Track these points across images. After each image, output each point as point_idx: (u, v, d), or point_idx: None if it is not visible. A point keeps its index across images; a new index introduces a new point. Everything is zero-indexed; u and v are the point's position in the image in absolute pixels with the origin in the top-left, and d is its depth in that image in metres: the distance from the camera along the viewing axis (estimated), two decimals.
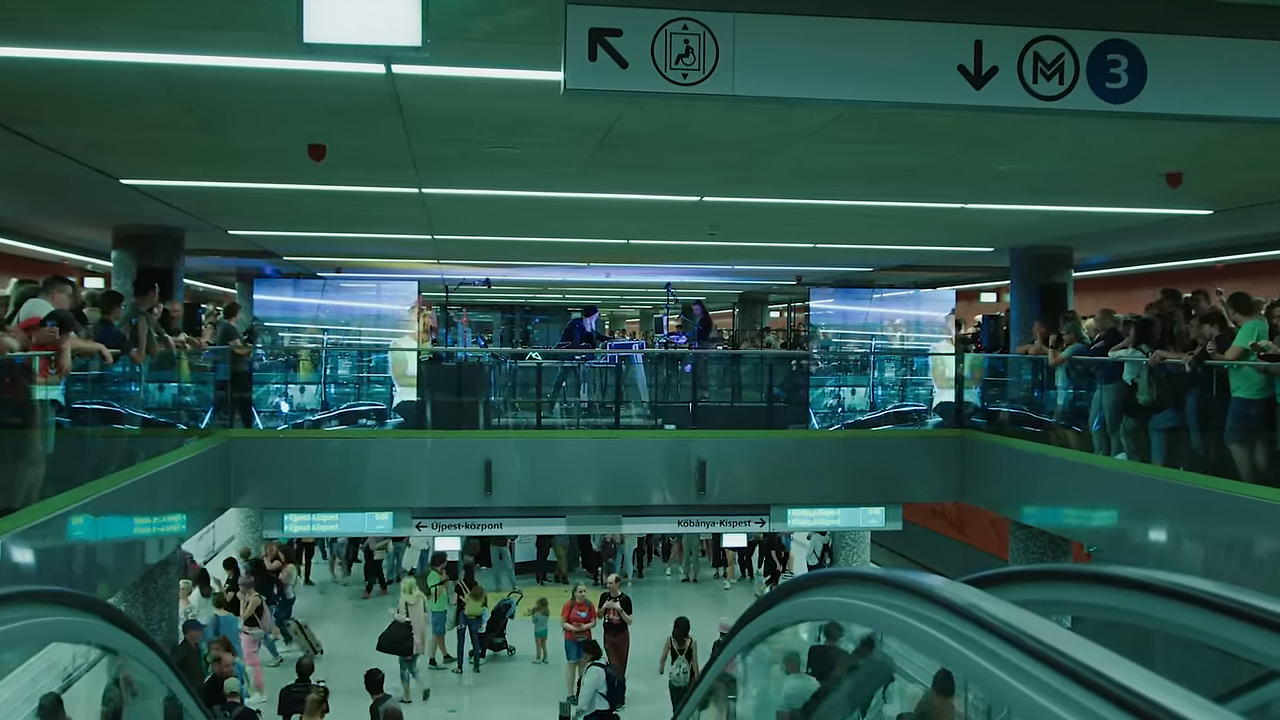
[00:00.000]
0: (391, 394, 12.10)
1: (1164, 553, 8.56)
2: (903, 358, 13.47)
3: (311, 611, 16.28)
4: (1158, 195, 8.47)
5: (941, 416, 12.89)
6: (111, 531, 7.70)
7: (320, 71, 5.13)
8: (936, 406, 13.03)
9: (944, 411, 12.93)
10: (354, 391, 12.14)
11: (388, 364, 12.37)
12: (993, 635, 1.40)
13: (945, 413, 12.90)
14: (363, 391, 12.18)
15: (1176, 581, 1.65)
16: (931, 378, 13.23)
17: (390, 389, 12.14)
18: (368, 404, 12.11)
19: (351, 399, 12.08)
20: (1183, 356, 8.33)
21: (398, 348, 12.61)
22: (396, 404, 12.04)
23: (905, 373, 13.34)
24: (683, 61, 3.74)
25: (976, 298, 21.20)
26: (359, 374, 12.30)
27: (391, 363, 12.41)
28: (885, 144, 6.86)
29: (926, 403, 13.07)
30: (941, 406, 13.04)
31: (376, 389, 12.14)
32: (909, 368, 13.35)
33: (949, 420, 12.74)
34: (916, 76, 3.88)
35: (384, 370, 12.32)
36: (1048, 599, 2.05)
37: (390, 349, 12.56)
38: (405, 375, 12.30)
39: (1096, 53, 3.94)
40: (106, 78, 5.34)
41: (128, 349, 8.15)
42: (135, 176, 8.51)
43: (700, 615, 13.03)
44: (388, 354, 12.49)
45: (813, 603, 2.50)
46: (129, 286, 10.67)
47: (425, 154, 7.41)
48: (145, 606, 10.34)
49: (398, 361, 12.42)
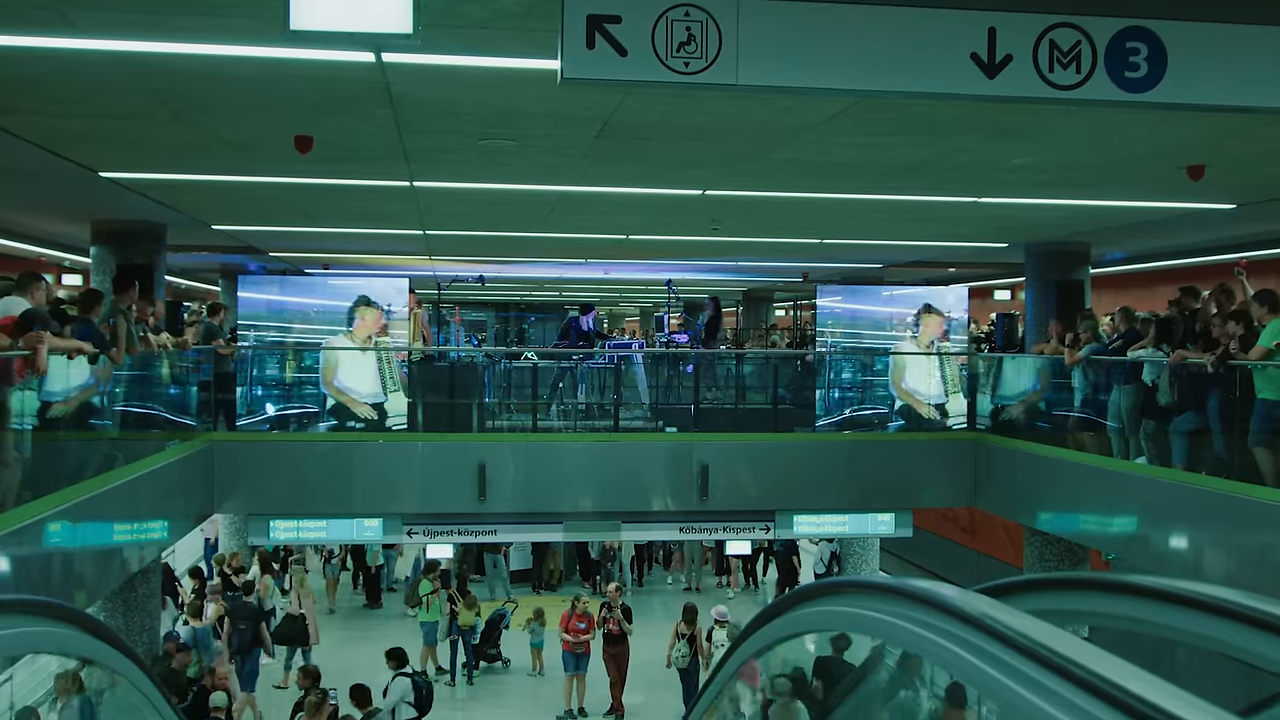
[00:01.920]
0: (324, 397, 11.84)
1: (1185, 560, 8.56)
2: (861, 359, 13.21)
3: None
4: (1178, 188, 8.47)
5: (904, 420, 12.74)
6: (90, 539, 7.69)
7: (307, 60, 5.13)
8: (898, 410, 12.76)
9: (906, 415, 12.74)
10: (282, 394, 11.85)
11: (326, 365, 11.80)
12: (1006, 646, 1.40)
13: (908, 416, 12.74)
14: (293, 393, 11.89)
15: (1198, 590, 1.64)
16: (890, 379, 12.85)
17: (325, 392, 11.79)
18: (297, 406, 11.83)
19: (281, 401, 11.79)
20: (1205, 356, 8.32)
21: (330, 346, 11.95)
22: (331, 406, 11.80)
23: (864, 374, 13.11)
24: (684, 49, 3.73)
25: (990, 295, 21.22)
26: (295, 375, 11.94)
27: (322, 364, 11.86)
28: (895, 136, 6.86)
29: (887, 405, 12.87)
30: (905, 410, 12.77)
31: (308, 390, 11.85)
32: (868, 369, 13.10)
33: (912, 424, 12.65)
34: (927, 65, 3.88)
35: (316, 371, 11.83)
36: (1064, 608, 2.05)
37: (323, 348, 11.92)
38: (339, 380, 11.78)
39: (1115, 40, 3.94)
40: (81, 67, 5.34)
41: (107, 349, 8.15)
42: (115, 169, 8.52)
43: (703, 625, 13.05)
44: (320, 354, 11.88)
45: (819, 613, 2.49)
46: (108, 284, 10.67)
47: (417, 146, 7.41)
48: (125, 616, 10.35)
49: (328, 364, 11.86)
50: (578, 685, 13.22)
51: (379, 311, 11.97)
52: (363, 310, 11.99)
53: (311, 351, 11.94)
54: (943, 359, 13.01)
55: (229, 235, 13.22)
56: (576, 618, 13.32)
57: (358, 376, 11.91)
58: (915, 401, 12.84)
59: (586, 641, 13.22)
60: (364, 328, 12.00)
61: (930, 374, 12.99)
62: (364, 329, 12.00)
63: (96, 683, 4.10)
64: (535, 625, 14.51)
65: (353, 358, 11.97)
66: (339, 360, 11.92)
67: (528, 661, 14.73)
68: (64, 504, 6.97)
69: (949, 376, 12.98)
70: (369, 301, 12.00)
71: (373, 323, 11.98)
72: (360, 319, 12.00)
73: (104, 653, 3.53)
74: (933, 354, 13.01)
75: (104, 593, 9.47)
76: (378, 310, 11.97)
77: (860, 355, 13.18)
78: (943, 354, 13.17)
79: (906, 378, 12.91)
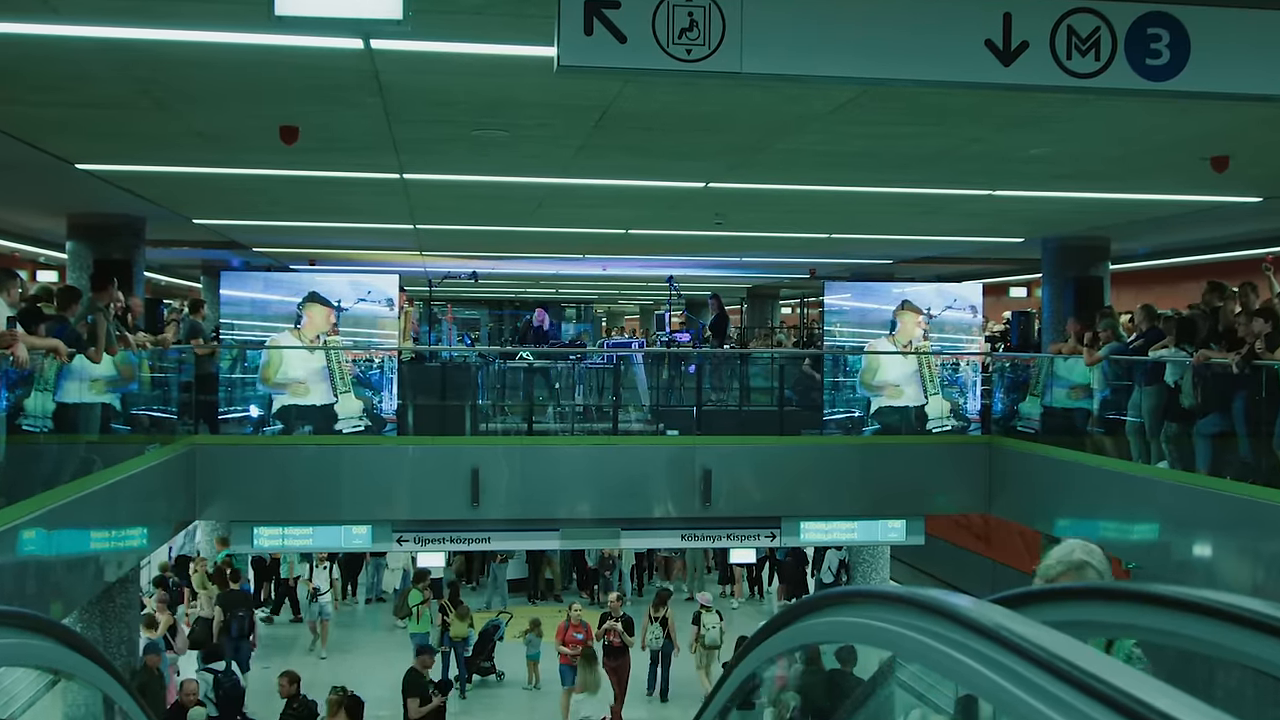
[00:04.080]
0: (270, 398, 11.76)
1: (1209, 569, 8.56)
2: (834, 359, 13.13)
3: (279, 642, 16.27)
4: (1202, 181, 8.47)
5: (880, 424, 12.71)
6: (66, 546, 7.69)
7: (293, 47, 5.13)
8: (875, 413, 12.70)
9: (884, 417, 12.71)
10: (225, 396, 11.75)
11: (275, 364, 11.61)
12: (1022, 658, 1.39)
13: (885, 418, 12.70)
14: (235, 395, 11.80)
15: (1223, 600, 1.64)
16: (860, 381, 12.76)
17: (270, 393, 11.71)
18: (240, 409, 11.75)
19: (223, 404, 11.71)
20: (1229, 356, 8.32)
21: (277, 344, 11.76)
22: (277, 409, 11.74)
23: (836, 374, 13.03)
24: (686, 36, 3.73)
25: (1006, 292, 21.20)
26: (237, 374, 11.81)
27: (263, 363, 11.68)
28: (906, 125, 6.87)
29: (862, 408, 12.78)
30: (882, 412, 12.71)
31: (251, 392, 11.75)
32: (841, 368, 13.02)
33: (892, 427, 12.62)
34: (940, 52, 3.88)
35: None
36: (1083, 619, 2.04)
37: (266, 346, 11.75)
38: (287, 379, 11.63)
39: (1135, 26, 3.94)
40: (62, 54, 5.34)
41: (84, 348, 8.15)
42: (92, 161, 8.52)
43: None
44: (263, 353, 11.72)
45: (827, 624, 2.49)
46: (85, 280, 10.67)
47: (407, 136, 7.41)
48: (103, 627, 10.35)
49: (271, 363, 11.69)
50: (569, 701, 13.22)
51: (329, 309, 11.86)
52: (311, 307, 11.86)
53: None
54: (920, 359, 12.94)
55: (211, 230, 13.22)
56: (574, 628, 13.33)
57: (303, 376, 11.80)
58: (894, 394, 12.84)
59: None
60: (312, 326, 11.87)
61: (907, 374, 12.92)
62: (312, 327, 11.87)
63: (73, 699, 4.10)
64: (531, 636, 14.51)
65: (298, 357, 11.83)
66: (282, 359, 11.76)
67: (523, 674, 14.74)
68: (39, 510, 6.97)
69: (928, 377, 12.93)
70: (318, 298, 11.87)
71: (322, 321, 11.84)
72: (309, 317, 11.86)
73: (83, 666, 3.52)
74: (879, 352, 12.96)
75: (81, 603, 9.47)
76: (328, 308, 11.86)
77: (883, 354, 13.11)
78: (964, 354, 13.15)
79: (879, 378, 12.87)
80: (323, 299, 11.87)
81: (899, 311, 13.09)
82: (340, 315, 11.89)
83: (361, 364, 12.02)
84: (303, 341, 11.80)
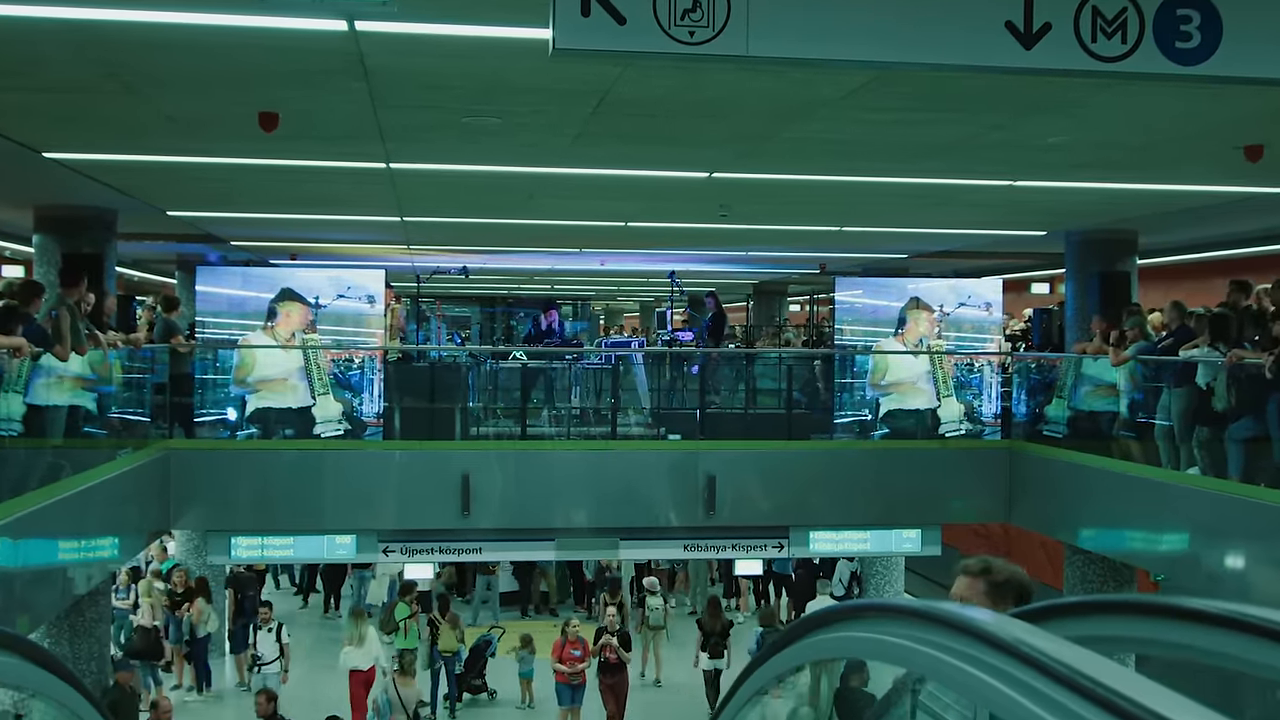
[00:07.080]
0: (244, 400, 11.76)
1: (1242, 581, 8.55)
2: (840, 358, 13.10)
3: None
4: (1235, 171, 8.47)
5: (889, 427, 12.71)
6: (33, 557, 7.69)
7: (273, 29, 5.12)
8: (884, 416, 12.70)
9: (894, 421, 12.69)
10: (201, 398, 11.74)
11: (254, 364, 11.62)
12: (1044, 676, 1.39)
13: (896, 421, 12.69)
14: (210, 397, 11.79)
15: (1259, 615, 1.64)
16: (868, 382, 12.75)
17: (245, 395, 11.70)
18: (217, 412, 11.74)
19: (198, 406, 11.69)
20: (1262, 356, 8.32)
21: (248, 344, 11.78)
22: (251, 411, 11.70)
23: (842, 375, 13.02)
24: (689, 17, 3.73)
25: (1027, 288, 21.21)
26: (211, 375, 11.81)
27: (237, 363, 11.67)
28: (920, 112, 6.86)
29: (871, 411, 12.75)
30: (893, 415, 12.70)
31: (226, 394, 11.74)
32: (847, 368, 13.00)
33: (903, 431, 12.62)
34: (958, 35, 3.88)
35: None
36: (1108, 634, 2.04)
37: (240, 345, 11.76)
38: (263, 379, 11.64)
39: (1165, 7, 3.93)
40: (16, 35, 5.33)
41: (50, 346, 8.15)
42: (59, 149, 8.51)
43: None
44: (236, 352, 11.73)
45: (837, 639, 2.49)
46: (53, 275, 10.66)
47: (394, 123, 7.41)
48: (72, 643, 10.34)
49: (245, 363, 11.68)
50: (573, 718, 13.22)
51: (305, 306, 11.85)
52: (286, 304, 11.85)
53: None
54: (934, 359, 12.93)
55: (186, 223, 13.22)
56: (570, 645, 13.31)
57: (279, 376, 11.80)
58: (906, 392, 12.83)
59: (582, 671, 13.22)
60: (288, 324, 11.86)
61: (919, 375, 12.92)
62: (288, 325, 11.86)
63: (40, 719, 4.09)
64: (524, 653, 14.48)
65: (273, 357, 11.84)
66: (256, 359, 11.77)
67: (516, 693, 14.72)
68: (4, 518, 6.97)
69: (941, 379, 12.92)
70: (293, 294, 11.86)
71: (298, 318, 11.84)
72: (284, 314, 11.84)
73: (51, 684, 3.51)
74: (885, 351, 12.94)
75: (49, 617, 9.46)
76: (304, 305, 11.86)
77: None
78: (982, 354, 13.13)
79: (888, 379, 12.87)
80: (299, 295, 11.85)
81: (908, 308, 13.10)
82: (318, 313, 11.88)
83: (340, 364, 12.01)
84: (277, 340, 11.79)
